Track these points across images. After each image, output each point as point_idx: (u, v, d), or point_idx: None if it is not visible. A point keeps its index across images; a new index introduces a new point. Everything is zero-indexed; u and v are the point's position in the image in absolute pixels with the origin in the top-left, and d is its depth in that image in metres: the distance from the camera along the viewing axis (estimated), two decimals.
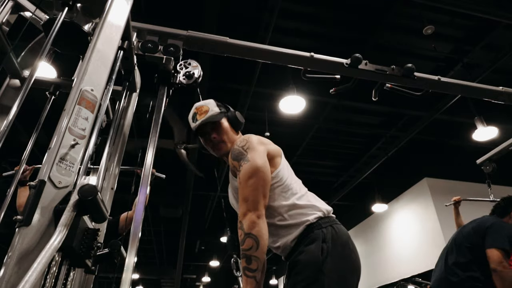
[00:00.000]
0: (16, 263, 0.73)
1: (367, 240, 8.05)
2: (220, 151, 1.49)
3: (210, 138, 1.49)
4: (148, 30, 1.65)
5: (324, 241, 1.23)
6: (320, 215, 1.32)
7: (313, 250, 1.22)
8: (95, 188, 0.84)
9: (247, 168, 1.29)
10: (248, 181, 1.27)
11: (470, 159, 3.72)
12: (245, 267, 1.16)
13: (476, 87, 2.25)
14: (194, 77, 1.55)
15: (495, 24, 4.21)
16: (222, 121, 1.51)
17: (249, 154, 1.32)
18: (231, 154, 1.38)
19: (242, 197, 1.26)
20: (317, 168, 7.56)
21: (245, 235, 1.18)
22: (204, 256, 12.19)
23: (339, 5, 4.08)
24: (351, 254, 1.27)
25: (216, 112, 1.50)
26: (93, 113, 0.98)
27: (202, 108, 1.51)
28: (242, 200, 1.26)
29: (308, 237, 1.27)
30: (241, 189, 1.28)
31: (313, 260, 1.20)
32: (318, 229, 1.27)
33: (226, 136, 1.49)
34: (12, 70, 1.52)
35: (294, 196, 1.35)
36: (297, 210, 1.32)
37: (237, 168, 1.33)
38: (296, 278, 1.23)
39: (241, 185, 1.28)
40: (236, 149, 1.37)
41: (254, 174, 1.27)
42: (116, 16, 1.18)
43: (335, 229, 1.29)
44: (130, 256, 1.03)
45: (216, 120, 1.49)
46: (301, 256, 1.24)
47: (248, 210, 1.22)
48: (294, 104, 4.55)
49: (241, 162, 1.32)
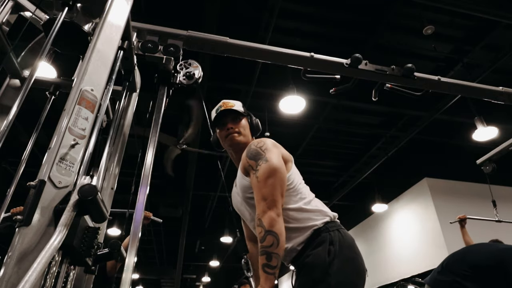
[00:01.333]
0: (16, 263, 0.73)
1: (367, 240, 8.04)
2: (231, 140, 1.53)
3: (226, 127, 1.54)
4: (148, 30, 1.65)
5: (332, 244, 1.25)
6: (327, 220, 1.34)
7: (320, 253, 1.24)
8: (95, 188, 0.84)
9: (266, 167, 1.31)
10: (268, 180, 1.29)
11: (470, 159, 3.73)
12: (265, 264, 1.17)
13: (476, 87, 2.25)
14: (194, 78, 1.55)
15: (495, 24, 4.21)
16: (243, 119, 1.58)
17: (267, 154, 1.35)
18: (247, 153, 1.41)
19: (260, 195, 1.28)
20: (317, 168, 7.56)
21: (266, 232, 1.20)
22: (204, 256, 12.20)
23: (339, 5, 4.08)
24: (357, 257, 1.29)
25: (241, 110, 1.58)
26: (93, 113, 0.98)
27: (229, 103, 1.59)
28: (260, 199, 1.28)
29: (316, 241, 1.29)
30: (259, 188, 1.30)
31: (320, 262, 1.22)
32: (325, 232, 1.29)
33: (242, 129, 1.55)
34: (12, 70, 1.52)
35: (302, 201, 1.37)
36: (305, 214, 1.34)
37: (253, 167, 1.35)
38: (303, 280, 1.26)
39: (259, 184, 1.30)
40: (253, 149, 1.39)
41: (273, 173, 1.30)
42: (116, 16, 1.18)
43: (341, 233, 1.31)
44: (130, 256, 1.03)
45: (237, 113, 1.56)
46: (308, 259, 1.26)
47: (268, 208, 1.24)
48: (294, 104, 4.55)
49: (259, 162, 1.34)
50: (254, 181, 1.33)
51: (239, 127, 1.55)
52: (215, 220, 9.41)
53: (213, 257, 11.58)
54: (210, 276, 13.72)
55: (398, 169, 7.10)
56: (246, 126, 1.58)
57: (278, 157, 1.36)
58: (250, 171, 1.37)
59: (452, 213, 6.10)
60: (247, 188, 1.41)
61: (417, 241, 6.45)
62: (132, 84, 1.64)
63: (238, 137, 1.53)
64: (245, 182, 1.42)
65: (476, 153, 3.56)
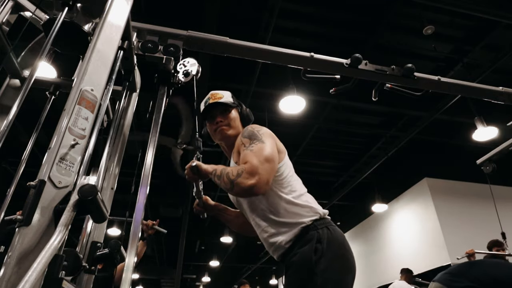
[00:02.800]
0: (16, 263, 0.73)
1: (367, 240, 8.05)
2: (221, 134, 1.52)
3: (215, 120, 1.53)
4: (148, 30, 1.65)
5: (319, 242, 1.24)
6: (316, 217, 1.32)
7: (306, 252, 1.23)
8: (95, 188, 0.84)
9: (262, 147, 1.29)
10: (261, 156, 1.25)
11: (470, 159, 3.72)
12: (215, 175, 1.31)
13: (476, 87, 2.25)
14: (191, 75, 1.55)
15: (495, 24, 4.21)
16: (232, 110, 1.56)
17: (264, 138, 1.33)
18: (243, 133, 1.39)
19: (256, 158, 1.24)
20: (317, 168, 7.56)
21: (231, 183, 1.21)
22: (204, 256, 12.20)
23: (339, 5, 4.08)
24: (346, 253, 1.27)
25: (229, 100, 1.56)
26: (93, 113, 0.98)
27: (217, 94, 1.57)
28: (255, 160, 1.23)
29: (303, 239, 1.27)
30: (250, 155, 1.26)
31: (306, 261, 1.21)
32: (313, 230, 1.28)
33: (231, 122, 1.53)
34: (12, 70, 1.52)
35: (292, 194, 1.35)
36: (294, 208, 1.32)
37: (245, 144, 1.33)
38: (291, 280, 1.25)
39: (252, 152, 1.27)
40: (250, 130, 1.38)
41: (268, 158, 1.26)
42: (116, 16, 1.18)
43: (330, 230, 1.29)
44: (130, 256, 1.03)
45: (226, 105, 1.54)
46: (295, 257, 1.25)
47: (257, 172, 1.19)
48: (294, 104, 4.55)
49: (254, 141, 1.32)
50: (244, 151, 1.30)
51: (228, 119, 1.52)
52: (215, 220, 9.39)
53: (213, 257, 11.58)
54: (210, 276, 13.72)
55: (398, 169, 7.10)
56: (236, 118, 1.56)
57: (273, 147, 1.33)
58: (241, 148, 1.34)
59: (452, 213, 6.13)
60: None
61: (417, 241, 6.45)
62: (132, 84, 1.64)
63: (228, 130, 1.51)
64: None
65: (476, 153, 3.56)
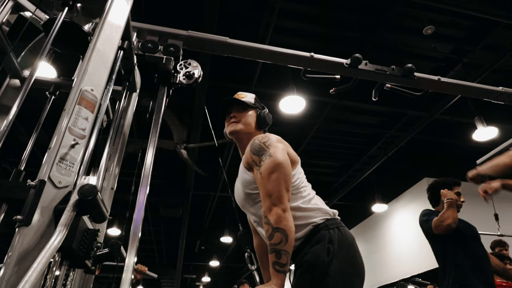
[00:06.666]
0: (16, 263, 0.73)
1: (367, 240, 8.05)
2: (232, 127, 1.53)
3: (230, 115, 1.55)
4: (148, 30, 1.65)
5: (331, 242, 1.24)
6: (327, 217, 1.33)
7: (319, 252, 1.22)
8: (95, 188, 0.84)
9: (269, 163, 1.30)
10: (271, 176, 1.27)
11: (470, 159, 3.72)
12: (275, 262, 1.17)
13: (476, 87, 2.25)
14: (194, 77, 1.55)
15: (495, 24, 4.21)
16: (250, 111, 1.57)
17: (271, 149, 1.33)
18: (251, 147, 1.39)
19: (265, 192, 1.27)
20: (317, 168, 7.56)
21: (273, 229, 1.19)
22: (204, 256, 12.19)
23: (339, 5, 4.08)
24: (356, 256, 1.28)
25: (250, 102, 1.58)
26: (93, 113, 0.98)
27: (241, 94, 1.60)
28: (265, 195, 1.26)
29: (314, 238, 1.27)
30: (263, 184, 1.28)
31: (319, 262, 1.20)
32: (324, 230, 1.28)
33: (245, 119, 1.54)
34: (12, 70, 1.52)
35: (301, 200, 1.35)
36: (303, 213, 1.32)
37: (256, 163, 1.34)
38: (302, 279, 1.24)
39: (263, 180, 1.29)
40: (256, 144, 1.38)
41: (277, 168, 1.28)
42: (116, 16, 1.18)
43: (341, 231, 1.29)
44: (130, 256, 1.03)
45: (243, 103, 1.56)
46: (306, 257, 1.24)
47: (273, 204, 1.23)
48: (294, 104, 4.55)
49: (263, 157, 1.32)
50: (258, 177, 1.32)
51: (241, 116, 1.54)
52: (215, 220, 9.41)
53: (213, 257, 11.57)
54: (210, 276, 13.72)
55: (398, 169, 7.10)
56: (250, 117, 1.56)
57: (283, 152, 1.34)
58: (254, 167, 1.35)
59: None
60: (248, 183, 1.39)
61: (417, 241, 6.44)
62: (132, 84, 1.64)
63: (236, 125, 1.52)
64: (247, 176, 1.40)
65: (476, 153, 3.56)
